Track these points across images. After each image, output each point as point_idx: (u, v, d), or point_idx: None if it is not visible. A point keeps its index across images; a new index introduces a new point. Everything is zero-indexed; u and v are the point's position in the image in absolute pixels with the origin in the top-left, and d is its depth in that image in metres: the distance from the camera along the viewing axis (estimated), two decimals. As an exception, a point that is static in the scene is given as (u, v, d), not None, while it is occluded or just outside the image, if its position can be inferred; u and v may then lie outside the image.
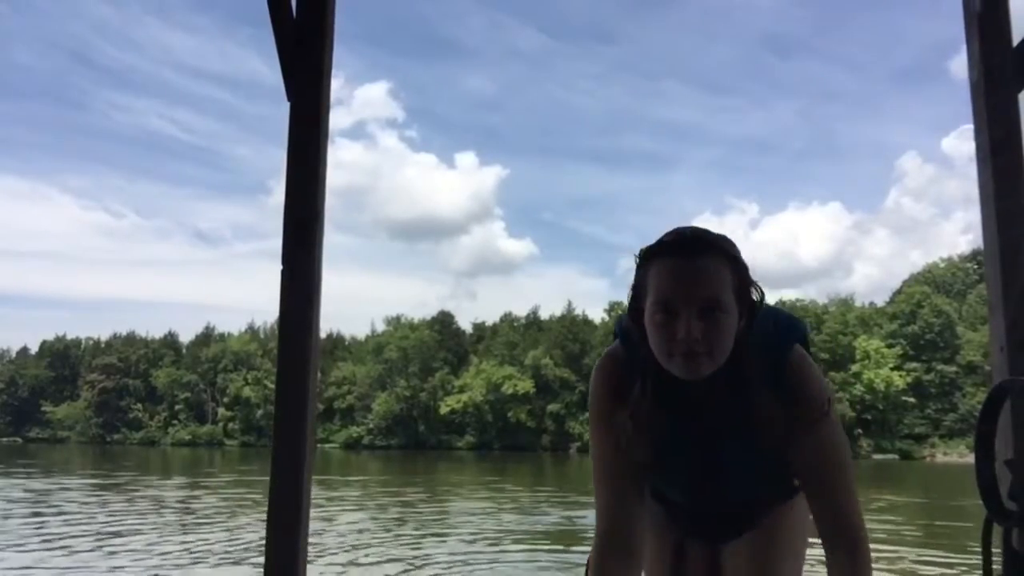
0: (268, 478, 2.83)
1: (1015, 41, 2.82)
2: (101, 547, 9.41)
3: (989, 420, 1.35)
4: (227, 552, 9.12)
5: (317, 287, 2.87)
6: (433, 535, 10.86)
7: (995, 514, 1.30)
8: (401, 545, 9.77)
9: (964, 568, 8.96)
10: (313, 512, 3.15)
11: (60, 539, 10.02)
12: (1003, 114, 2.81)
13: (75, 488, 19.56)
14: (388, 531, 11.28)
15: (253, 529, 10.37)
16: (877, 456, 61.51)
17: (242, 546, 9.36)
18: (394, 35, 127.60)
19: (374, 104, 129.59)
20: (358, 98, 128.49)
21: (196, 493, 18.78)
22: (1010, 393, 1.35)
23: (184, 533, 10.74)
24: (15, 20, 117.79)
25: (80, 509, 14.18)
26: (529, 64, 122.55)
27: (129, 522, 12.11)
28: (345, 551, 9.26)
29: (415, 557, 8.97)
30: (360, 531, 11.18)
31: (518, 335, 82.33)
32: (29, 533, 10.64)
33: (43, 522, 11.96)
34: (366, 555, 9.00)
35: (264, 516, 2.85)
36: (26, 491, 18.49)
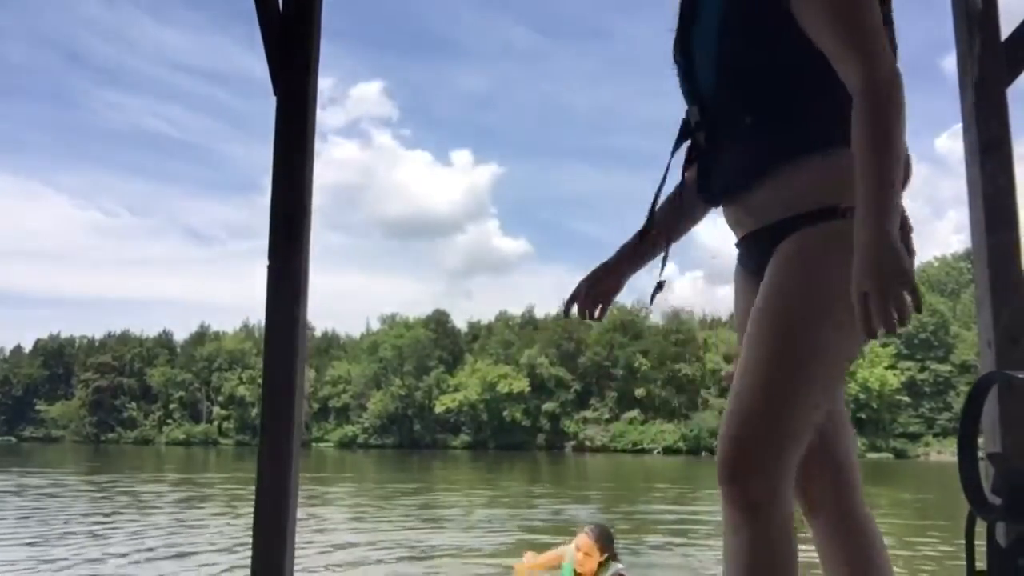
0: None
1: (1004, 36, 2.82)
2: (87, 544, 9.39)
3: (972, 414, 1.34)
4: (214, 550, 9.10)
5: (304, 284, 2.86)
6: (425, 534, 10.86)
7: (978, 508, 1.29)
8: (391, 544, 9.77)
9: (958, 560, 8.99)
10: (302, 511, 3.14)
11: (45, 536, 9.99)
12: (992, 111, 2.81)
13: (66, 486, 19.52)
14: (378, 529, 11.27)
15: (242, 528, 10.35)
16: (872, 455, 61.68)
17: (230, 545, 9.34)
18: (387, 33, 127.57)
19: (368, 102, 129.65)
20: (352, 97, 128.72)
21: (187, 491, 18.75)
22: (992, 387, 1.34)
23: (172, 532, 10.71)
24: (7, 18, 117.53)
25: (69, 506, 14.15)
26: (522, 62, 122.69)
27: (119, 520, 12.08)
28: (332, 550, 9.26)
29: (405, 556, 8.97)
30: (349, 529, 11.17)
31: (513, 334, 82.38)
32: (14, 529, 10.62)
33: (27, 519, 11.93)
34: (353, 554, 8.99)
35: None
36: (17, 485, 18.49)
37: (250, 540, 2.80)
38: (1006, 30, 2.81)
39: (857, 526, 1.55)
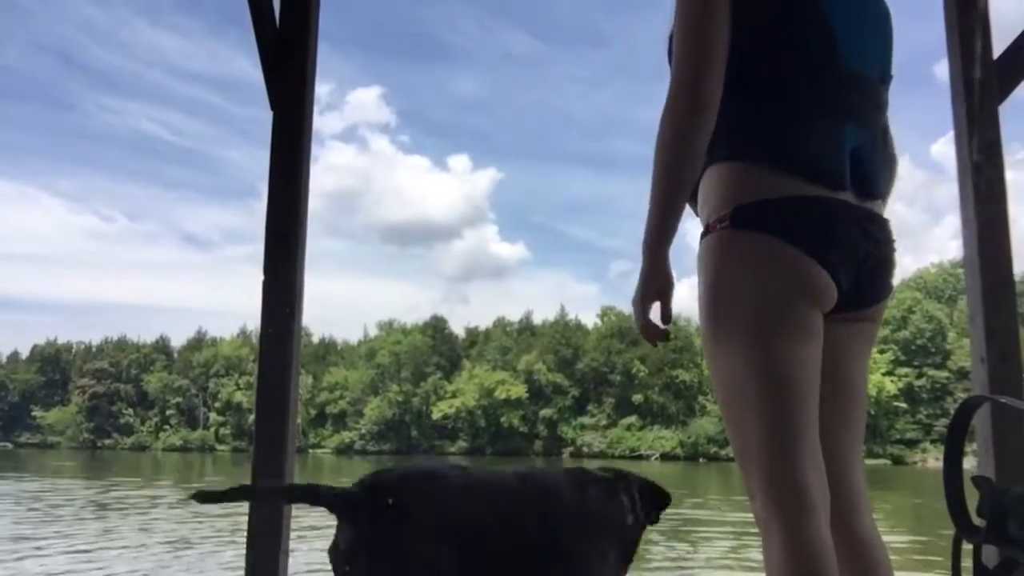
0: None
1: (996, 53, 2.84)
2: (75, 553, 9.37)
3: (957, 436, 1.35)
4: (206, 554, 9.10)
5: (299, 295, 2.87)
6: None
7: (964, 531, 1.30)
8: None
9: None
10: (296, 518, 3.15)
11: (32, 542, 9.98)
12: (984, 125, 2.83)
13: (60, 491, 19.48)
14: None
15: (238, 532, 10.35)
16: (869, 461, 61.68)
17: (226, 552, 9.33)
18: (385, 39, 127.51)
19: (366, 108, 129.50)
20: (350, 102, 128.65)
21: (184, 498, 18.72)
22: (977, 409, 1.35)
23: (166, 534, 10.70)
24: (2, 22, 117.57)
25: (61, 513, 14.11)
26: (519, 67, 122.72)
27: (110, 526, 12.06)
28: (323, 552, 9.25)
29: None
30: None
31: (511, 340, 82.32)
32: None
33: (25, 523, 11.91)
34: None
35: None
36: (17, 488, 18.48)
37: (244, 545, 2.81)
38: (999, 46, 2.83)
39: (862, 546, 1.51)
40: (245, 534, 2.85)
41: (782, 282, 1.42)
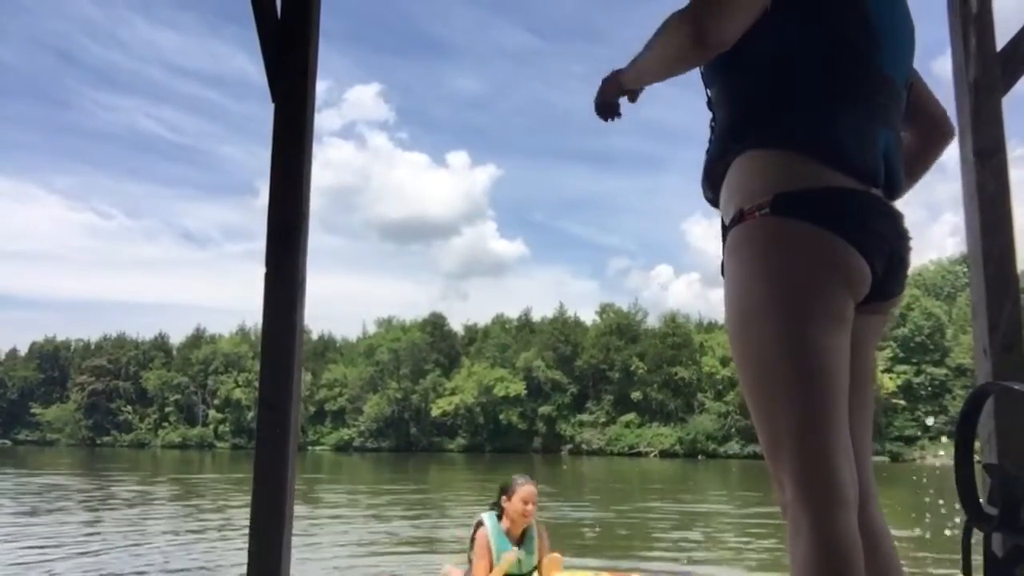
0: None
1: (999, 46, 2.83)
2: (76, 549, 9.36)
3: (969, 423, 1.35)
4: (209, 553, 9.09)
5: (301, 290, 2.86)
6: (419, 532, 10.85)
7: (975, 519, 1.29)
8: (385, 544, 9.77)
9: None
10: (297, 510, 3.14)
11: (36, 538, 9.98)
12: (988, 118, 2.82)
13: (59, 487, 19.47)
14: (375, 532, 11.27)
15: (239, 529, 10.33)
16: (867, 458, 61.60)
17: (226, 547, 9.33)
18: (383, 36, 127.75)
19: (364, 105, 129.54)
20: (348, 100, 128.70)
21: (183, 494, 18.73)
22: (990, 397, 1.35)
23: (166, 535, 10.69)
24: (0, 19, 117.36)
25: (59, 509, 14.11)
26: (517, 64, 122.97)
27: (112, 522, 12.05)
28: (329, 554, 9.25)
29: (399, 560, 8.97)
30: (346, 532, 11.16)
31: (510, 337, 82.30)
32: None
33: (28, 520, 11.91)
34: (350, 557, 8.98)
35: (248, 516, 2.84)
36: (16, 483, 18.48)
37: (246, 543, 2.80)
38: (1001, 40, 2.83)
39: (875, 537, 1.51)
40: (246, 528, 2.84)
41: (824, 270, 1.42)
